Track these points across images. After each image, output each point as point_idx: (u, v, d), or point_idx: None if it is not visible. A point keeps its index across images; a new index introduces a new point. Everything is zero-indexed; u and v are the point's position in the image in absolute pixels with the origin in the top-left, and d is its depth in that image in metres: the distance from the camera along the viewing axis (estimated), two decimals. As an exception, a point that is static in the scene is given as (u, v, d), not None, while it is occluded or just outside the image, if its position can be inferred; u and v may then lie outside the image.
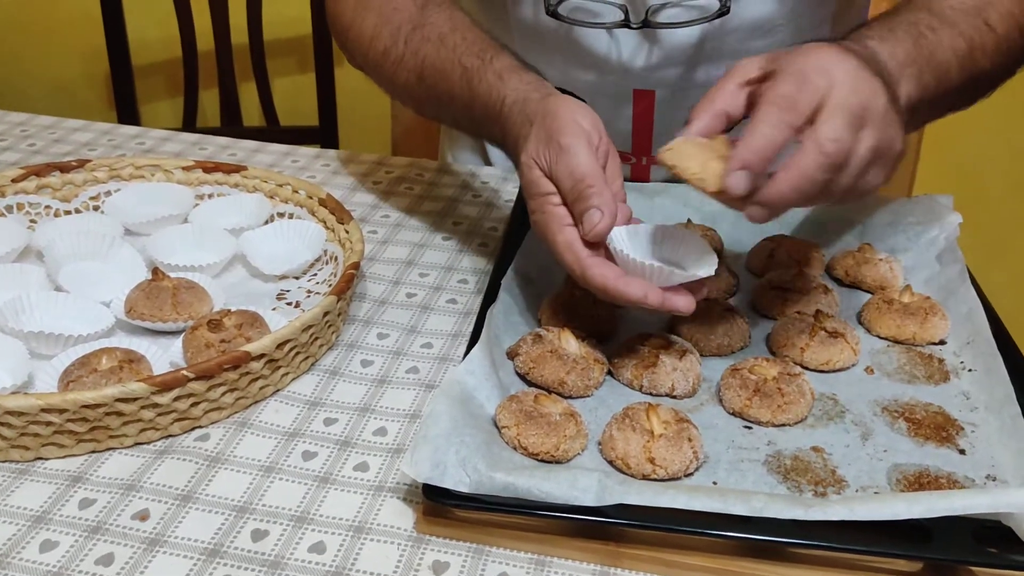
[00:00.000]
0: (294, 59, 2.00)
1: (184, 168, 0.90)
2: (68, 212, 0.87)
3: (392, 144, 2.15)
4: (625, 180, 0.91)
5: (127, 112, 1.82)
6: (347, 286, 0.72)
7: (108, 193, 0.89)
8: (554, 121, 0.67)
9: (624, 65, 0.93)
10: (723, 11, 0.86)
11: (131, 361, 0.64)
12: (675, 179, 0.64)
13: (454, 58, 0.79)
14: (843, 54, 0.61)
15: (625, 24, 0.89)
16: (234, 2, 1.74)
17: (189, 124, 1.81)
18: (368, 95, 2.30)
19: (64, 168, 0.88)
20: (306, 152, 1.10)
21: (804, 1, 0.91)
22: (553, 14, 0.89)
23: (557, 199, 0.67)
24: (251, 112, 1.88)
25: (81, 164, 0.89)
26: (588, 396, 0.67)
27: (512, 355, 0.70)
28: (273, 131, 1.81)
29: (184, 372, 0.61)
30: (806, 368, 0.70)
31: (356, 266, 0.74)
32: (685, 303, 0.64)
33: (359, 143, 2.16)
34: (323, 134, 1.81)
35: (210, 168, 0.90)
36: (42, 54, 2.20)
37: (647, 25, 0.88)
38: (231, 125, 1.79)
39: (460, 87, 0.78)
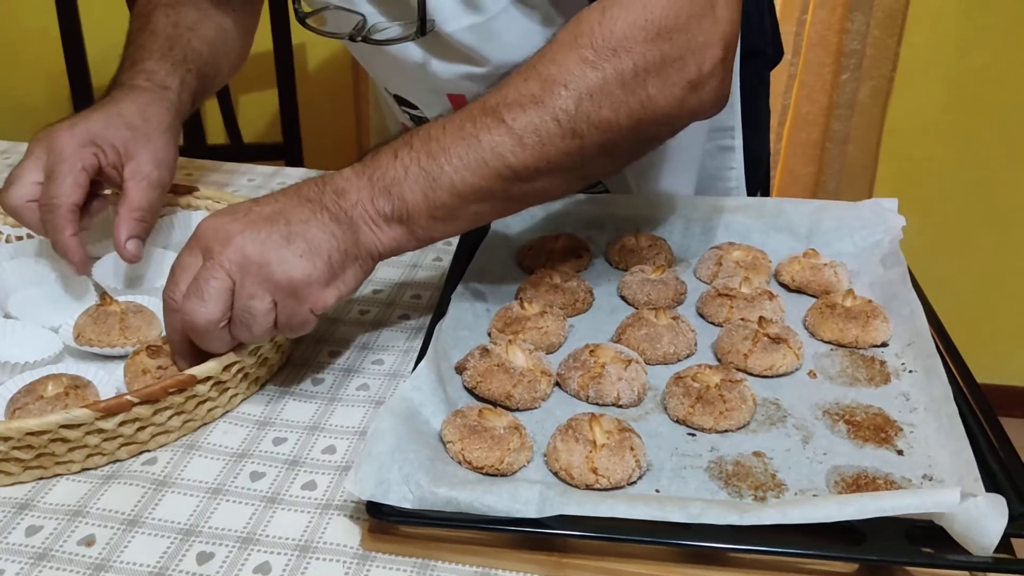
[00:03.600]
0: (256, 76, 1.99)
1: (135, 190, 0.90)
2: (20, 237, 0.87)
3: (357, 156, 2.15)
4: None
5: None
6: (295, 305, 0.72)
7: (60, 218, 0.89)
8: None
9: (421, 70, 0.91)
10: (424, 30, 0.83)
11: (77, 387, 0.64)
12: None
13: (151, 43, 0.88)
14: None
15: (352, 38, 0.87)
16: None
17: (152, 143, 1.80)
18: (332, 110, 2.32)
19: (14, 194, 0.88)
20: (263, 171, 1.10)
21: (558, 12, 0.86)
22: (301, 22, 0.89)
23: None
24: (215, 130, 1.88)
25: (31, 189, 0.89)
26: (536, 408, 0.68)
27: (460, 369, 0.70)
28: (238, 148, 1.81)
29: (128, 397, 0.61)
30: (750, 374, 0.71)
31: (305, 285, 0.75)
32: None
33: (325, 158, 2.17)
34: (288, 150, 1.82)
35: (162, 189, 0.90)
36: (3, 76, 2.19)
37: (366, 40, 0.86)
38: (194, 143, 1.79)
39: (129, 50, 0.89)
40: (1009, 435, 0.63)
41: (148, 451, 0.65)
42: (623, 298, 0.83)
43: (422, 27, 0.82)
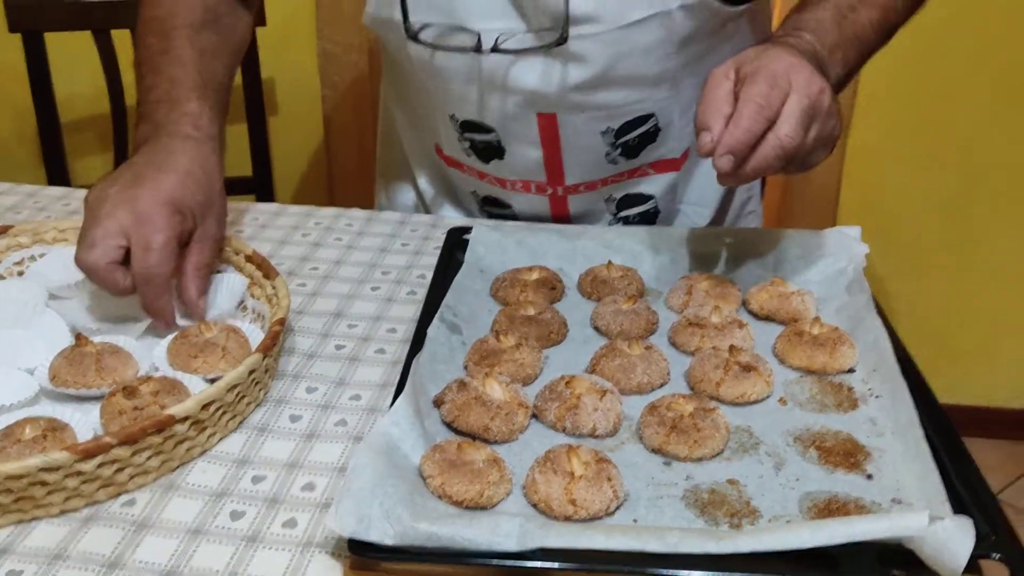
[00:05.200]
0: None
1: (109, 230, 0.91)
2: (-9, 278, 0.87)
3: (328, 189, 2.17)
4: (543, 217, 0.96)
5: (56, 169, 1.81)
6: (273, 343, 0.73)
7: (32, 257, 0.89)
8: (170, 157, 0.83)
9: (528, 88, 0.96)
10: (561, 40, 0.90)
11: (55, 430, 0.64)
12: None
13: (183, 74, 0.90)
14: (798, 59, 0.77)
15: (477, 50, 0.92)
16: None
17: (121, 178, 1.80)
18: (301, 144, 2.32)
19: (-14, 235, 0.88)
20: (235, 207, 1.10)
21: (690, 26, 0.95)
22: (413, 38, 0.93)
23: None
24: (184, 164, 1.87)
25: (4, 230, 0.89)
26: (513, 440, 0.69)
27: (438, 403, 0.71)
28: (206, 182, 1.81)
29: (107, 439, 0.61)
30: (722, 402, 0.73)
31: (282, 322, 0.75)
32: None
33: (295, 191, 2.18)
34: (258, 183, 1.82)
35: (135, 229, 0.91)
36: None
37: (496, 51, 0.92)
38: (164, 178, 1.79)
39: (158, 96, 0.90)
40: (972, 454, 0.65)
41: (127, 492, 0.65)
42: (596, 329, 0.84)
43: (563, 35, 0.88)
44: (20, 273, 0.88)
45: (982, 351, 2.19)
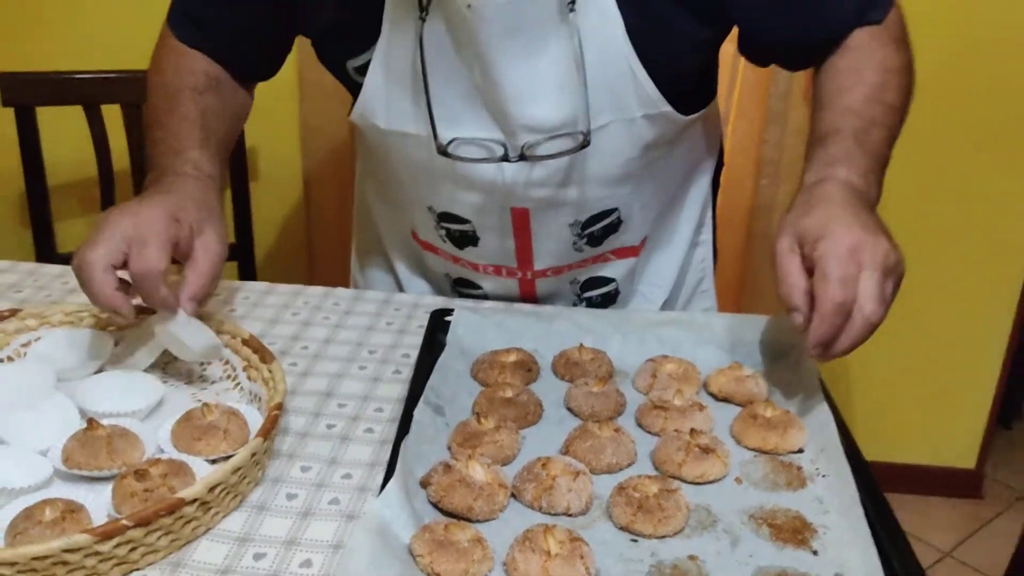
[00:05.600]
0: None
1: (112, 313, 0.97)
2: (0, 360, 0.92)
3: (308, 257, 2.23)
4: (512, 298, 1.05)
5: (42, 232, 1.85)
6: (272, 427, 0.79)
7: (38, 339, 0.94)
8: (207, 201, 0.95)
9: (505, 187, 1.05)
10: (585, 143, 0.98)
11: (72, 511, 0.70)
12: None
13: (188, 132, 1.01)
14: (859, 231, 0.83)
15: (505, 158, 1.00)
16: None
17: (106, 244, 1.85)
18: (283, 212, 2.39)
19: (-3, 318, 0.93)
20: (228, 285, 1.17)
21: (652, 133, 1.04)
22: (443, 153, 1.00)
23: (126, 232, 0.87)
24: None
25: (12, 314, 0.94)
26: (494, 519, 0.75)
27: (425, 484, 0.77)
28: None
29: (123, 521, 0.67)
30: (684, 481, 0.80)
31: (280, 407, 0.82)
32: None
33: (276, 259, 2.24)
34: (240, 251, 1.88)
35: (137, 311, 0.97)
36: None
37: (523, 158, 1.00)
38: (148, 245, 1.84)
39: (166, 149, 1.00)
40: (927, 513, 0.73)
41: (138, 570, 0.70)
42: (570, 409, 0.91)
43: (587, 139, 0.98)
44: (26, 355, 0.93)
45: (934, 412, 2.29)
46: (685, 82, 1.04)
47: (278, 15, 1.03)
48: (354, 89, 1.05)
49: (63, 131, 1.82)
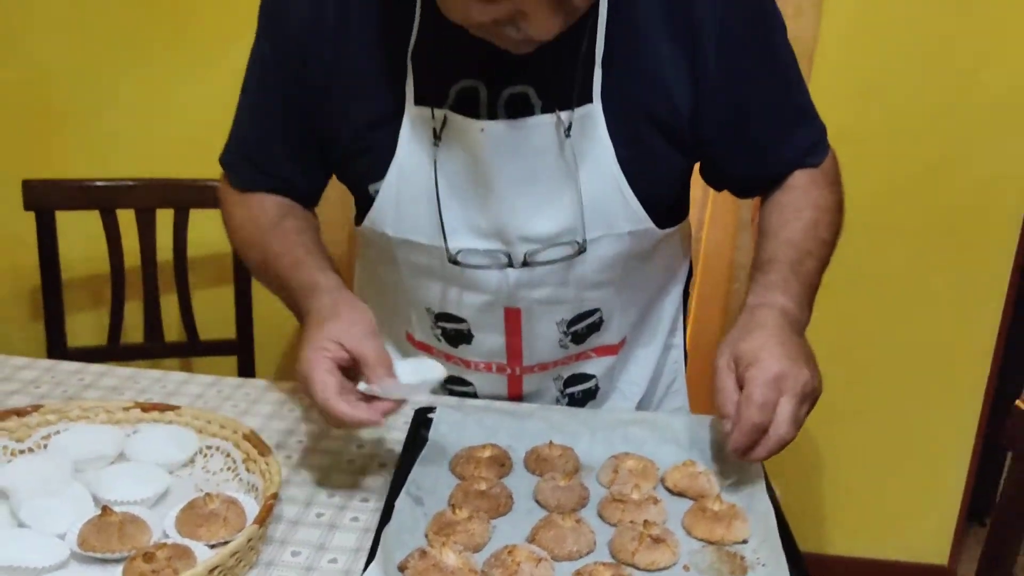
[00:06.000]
0: (213, 275, 2.18)
1: (125, 408, 1.07)
2: (22, 451, 1.01)
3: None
4: (499, 394, 1.16)
5: (55, 326, 1.95)
6: (267, 515, 0.88)
7: (57, 432, 1.04)
8: (352, 312, 0.99)
9: (508, 290, 1.16)
10: (582, 250, 1.11)
11: (87, 589, 0.79)
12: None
13: (290, 250, 1.11)
14: (786, 361, 0.95)
15: (509, 265, 1.12)
16: (161, 223, 1.93)
17: (114, 338, 1.95)
18: (283, 307, 2.49)
19: (21, 413, 1.03)
20: (230, 382, 1.27)
21: (634, 245, 1.16)
22: (454, 262, 1.12)
23: (332, 354, 0.94)
24: (171, 325, 2.03)
25: (36, 409, 1.04)
26: (464, 601, 0.84)
27: (402, 568, 0.86)
28: (193, 345, 1.98)
29: (135, 599, 0.75)
30: (636, 568, 0.89)
31: (274, 496, 0.91)
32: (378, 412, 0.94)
33: (275, 355, 2.33)
34: (240, 346, 1.98)
35: (148, 408, 1.07)
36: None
37: (526, 265, 1.13)
38: (153, 340, 1.95)
39: (287, 269, 1.11)
40: None
41: (143, 644, 0.78)
42: (538, 501, 1.00)
43: (583, 246, 1.10)
44: (45, 446, 1.03)
45: (905, 506, 2.35)
46: (665, 201, 1.17)
47: (314, 143, 1.16)
48: (366, 202, 1.17)
49: (79, 232, 1.94)
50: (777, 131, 1.14)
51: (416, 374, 0.97)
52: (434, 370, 0.98)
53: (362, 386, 0.94)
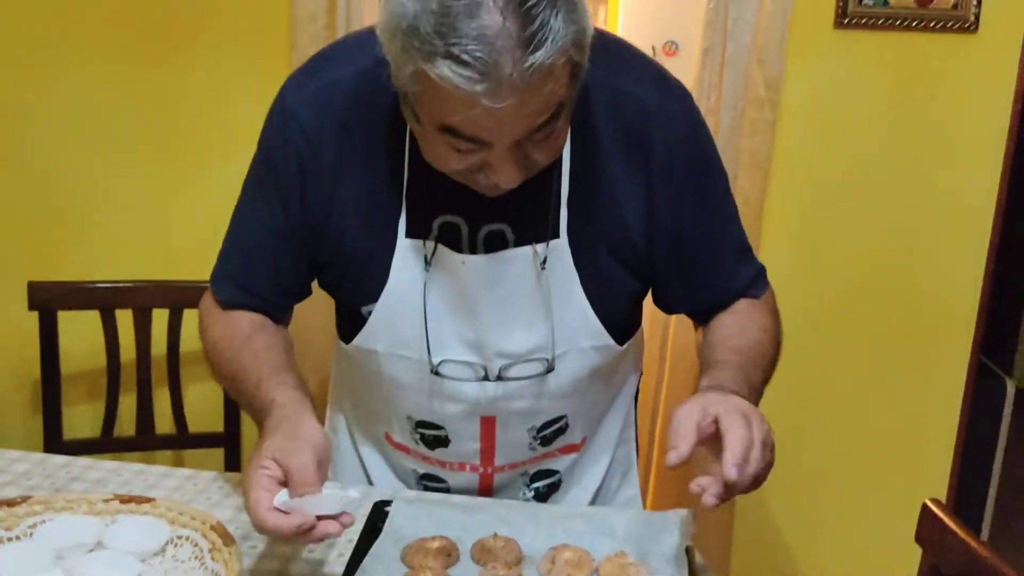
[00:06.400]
0: (204, 371, 2.27)
1: (105, 500, 1.16)
2: (10, 539, 1.11)
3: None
4: (471, 490, 1.30)
5: (52, 416, 2.04)
6: (225, 600, 0.97)
7: (43, 521, 1.13)
8: (296, 428, 1.04)
9: (484, 401, 1.27)
10: (550, 369, 1.23)
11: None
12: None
13: (256, 366, 1.18)
14: (744, 403, 1.03)
15: (484, 378, 1.23)
16: (156, 321, 2.04)
17: (107, 431, 2.05)
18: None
19: (11, 504, 1.13)
20: (206, 476, 1.36)
21: (597, 359, 1.28)
22: (435, 373, 1.23)
23: (271, 472, 0.99)
24: (163, 418, 2.13)
25: (24, 500, 1.14)
26: None
27: (346, 650, 0.95)
28: (183, 438, 2.08)
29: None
30: (562, 651, 0.97)
31: (234, 583, 1.00)
32: (335, 528, 0.98)
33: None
34: (227, 439, 2.07)
35: (125, 500, 1.17)
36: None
37: (500, 379, 1.24)
38: (145, 433, 2.05)
39: (252, 387, 1.16)
40: None
41: None
42: (479, 590, 1.09)
43: (551, 365, 1.22)
44: (31, 534, 1.12)
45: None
46: (623, 321, 1.30)
47: (305, 270, 1.28)
48: (356, 320, 1.28)
49: (79, 329, 2.06)
50: (721, 268, 1.28)
51: (335, 498, 1.01)
52: (353, 502, 1.02)
53: (278, 499, 0.99)
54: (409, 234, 1.20)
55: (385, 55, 1.00)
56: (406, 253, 1.20)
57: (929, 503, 1.16)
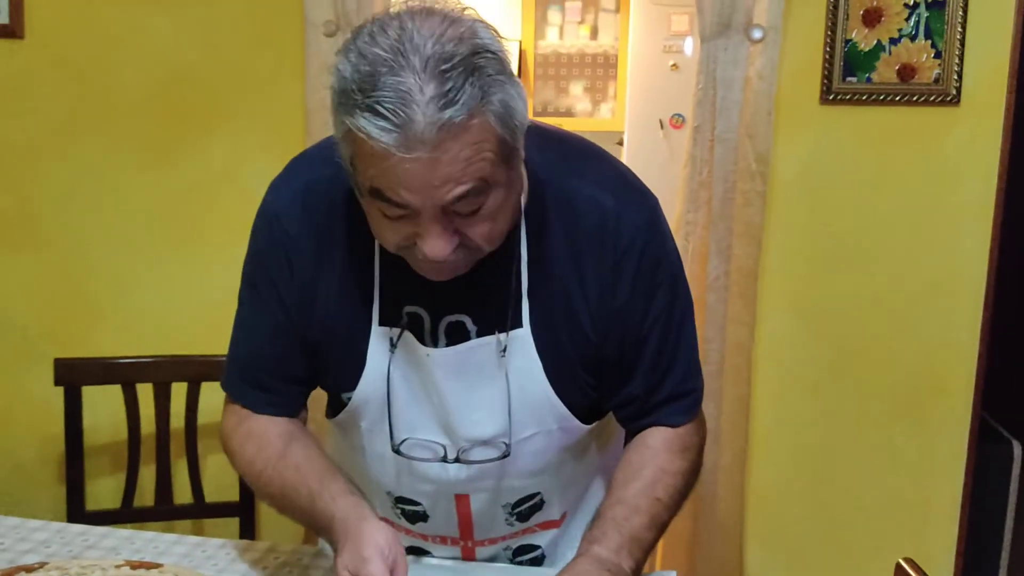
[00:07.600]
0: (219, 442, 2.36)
1: (116, 566, 1.23)
2: (21, 603, 1.18)
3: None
4: (455, 559, 1.31)
5: (75, 488, 2.11)
6: (223, 659, 1.03)
7: (57, 586, 1.21)
8: (360, 538, 1.07)
9: (451, 481, 1.32)
10: (506, 454, 1.27)
11: None
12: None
13: (304, 481, 1.22)
14: None
15: (443, 459, 1.29)
16: (175, 394, 2.13)
17: (127, 502, 2.12)
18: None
19: (28, 569, 1.21)
20: (214, 543, 1.43)
21: (564, 439, 1.33)
22: (396, 451, 1.29)
23: None
24: (181, 488, 2.20)
25: (41, 566, 1.22)
26: None
27: None
28: (200, 508, 2.15)
29: None
30: None
31: (232, 643, 1.06)
32: None
33: (275, 515, 2.48)
34: (242, 508, 2.14)
35: (135, 565, 1.24)
36: (2, 436, 2.55)
37: (458, 460, 1.28)
38: (163, 503, 2.12)
39: (306, 503, 1.20)
40: None
41: None
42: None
43: (508, 450, 1.26)
44: (47, 598, 1.19)
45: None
46: (588, 404, 1.32)
47: (304, 358, 1.32)
48: (338, 403, 1.34)
49: (103, 403, 2.15)
50: (647, 377, 1.28)
51: None
52: None
53: None
54: (382, 322, 1.25)
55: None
56: (379, 340, 1.26)
57: (902, 562, 1.20)
